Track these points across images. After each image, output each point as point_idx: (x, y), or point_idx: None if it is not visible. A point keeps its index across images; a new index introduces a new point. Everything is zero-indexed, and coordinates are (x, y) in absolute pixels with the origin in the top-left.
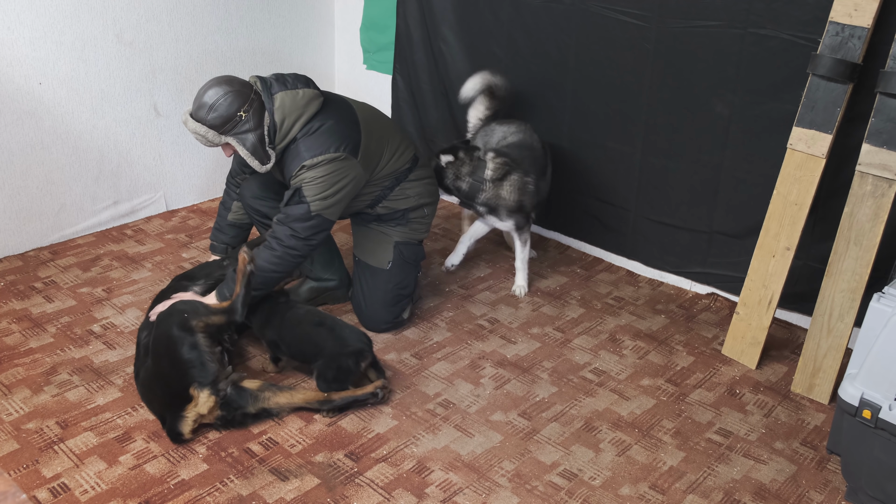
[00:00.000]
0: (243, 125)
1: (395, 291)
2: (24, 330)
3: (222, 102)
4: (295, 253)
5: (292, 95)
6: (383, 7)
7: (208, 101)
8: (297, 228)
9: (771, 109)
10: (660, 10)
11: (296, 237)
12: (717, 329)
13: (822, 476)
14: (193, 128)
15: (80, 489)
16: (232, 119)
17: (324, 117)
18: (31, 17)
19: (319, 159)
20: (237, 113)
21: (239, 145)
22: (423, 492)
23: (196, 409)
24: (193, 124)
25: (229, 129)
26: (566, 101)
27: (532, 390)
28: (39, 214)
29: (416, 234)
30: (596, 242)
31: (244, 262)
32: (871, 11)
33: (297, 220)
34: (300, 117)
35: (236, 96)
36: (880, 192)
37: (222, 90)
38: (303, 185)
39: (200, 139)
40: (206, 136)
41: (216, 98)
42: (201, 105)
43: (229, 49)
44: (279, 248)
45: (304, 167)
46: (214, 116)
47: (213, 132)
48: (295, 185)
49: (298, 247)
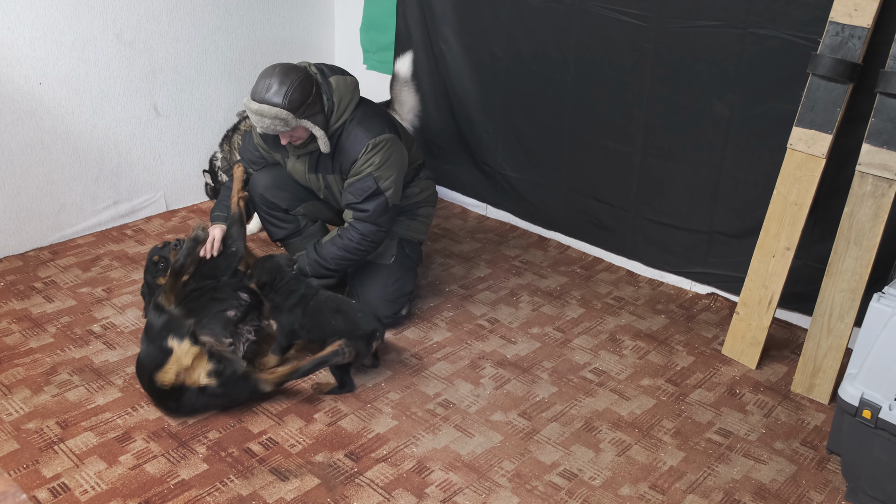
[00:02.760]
0: (314, 106)
1: (396, 286)
2: (24, 330)
3: (297, 86)
4: (375, 244)
5: (343, 80)
6: (383, 7)
7: (283, 86)
8: (382, 222)
9: (771, 109)
10: (660, 10)
11: (380, 230)
12: (717, 329)
13: (822, 476)
14: (273, 113)
15: (80, 489)
16: (306, 102)
17: (366, 104)
18: (31, 17)
19: (381, 139)
20: (310, 95)
21: (314, 126)
22: (423, 492)
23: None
24: (271, 110)
25: (304, 111)
26: (566, 101)
27: (532, 390)
28: (39, 214)
29: (417, 234)
30: (596, 242)
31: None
32: (871, 11)
33: (381, 215)
34: (352, 101)
35: (306, 80)
36: (880, 192)
37: (294, 75)
38: (374, 174)
39: (278, 123)
40: (286, 121)
41: (290, 83)
42: (276, 91)
43: (229, 49)
44: (363, 244)
45: (368, 147)
46: (292, 100)
47: (291, 116)
48: (362, 173)
49: (380, 238)
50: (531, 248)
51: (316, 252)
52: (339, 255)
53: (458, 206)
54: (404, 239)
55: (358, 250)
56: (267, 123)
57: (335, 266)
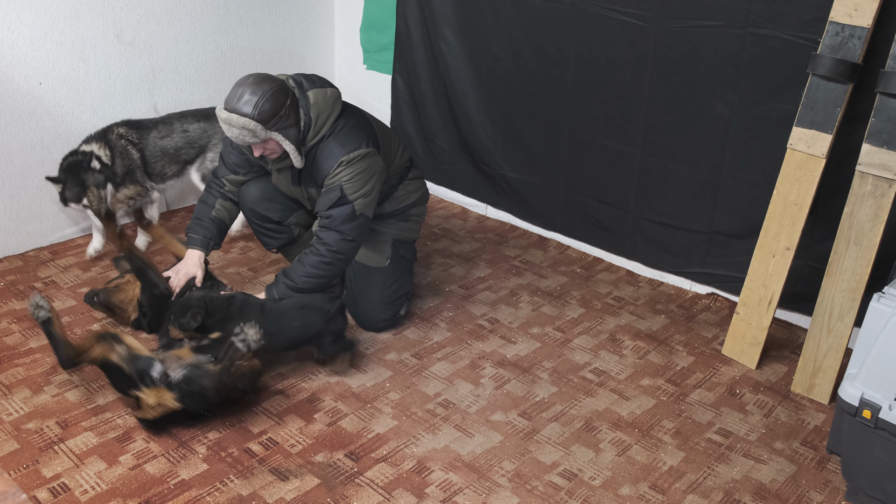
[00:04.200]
0: (287, 119)
1: (394, 288)
2: (24, 330)
3: (269, 97)
4: (343, 257)
5: (322, 93)
6: (383, 7)
7: (254, 96)
8: (346, 230)
9: (771, 109)
10: (660, 10)
11: (345, 240)
12: (717, 329)
13: (822, 476)
14: (241, 123)
15: (80, 489)
16: (278, 114)
17: (347, 115)
18: (31, 17)
19: (354, 154)
20: (283, 108)
21: (284, 140)
22: (423, 492)
23: (142, 412)
24: (239, 119)
25: (274, 123)
26: (566, 101)
27: (532, 390)
28: (39, 214)
29: (410, 234)
30: (596, 242)
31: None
32: (871, 11)
33: (344, 223)
34: (331, 115)
35: (279, 91)
36: (880, 192)
37: (266, 86)
38: (342, 184)
39: (246, 134)
40: (255, 132)
41: (262, 93)
42: (247, 101)
43: (229, 49)
44: (329, 255)
45: (341, 163)
46: (262, 111)
47: (260, 127)
48: (332, 185)
49: (347, 249)
50: (531, 248)
51: (285, 276)
52: (308, 273)
53: (458, 206)
54: (398, 240)
55: (324, 264)
56: (235, 133)
57: (304, 285)
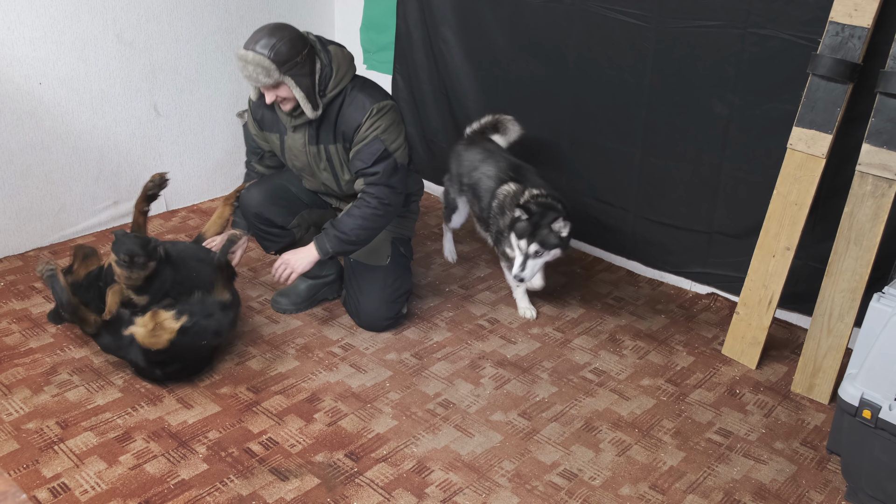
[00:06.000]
0: (302, 67)
1: (395, 286)
2: (24, 330)
3: (287, 42)
4: (392, 209)
5: (341, 50)
6: (383, 7)
7: (272, 39)
8: (394, 183)
9: (771, 109)
10: (660, 10)
11: (396, 192)
12: (717, 329)
13: (822, 476)
14: (256, 60)
15: (80, 489)
16: (293, 59)
17: (361, 76)
18: (31, 17)
19: (384, 104)
20: (299, 55)
21: (295, 87)
22: (423, 492)
23: (144, 335)
24: (255, 57)
25: (289, 68)
26: (566, 102)
27: (532, 390)
28: (39, 214)
29: (407, 231)
30: (596, 242)
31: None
32: (871, 11)
33: (391, 176)
34: (349, 70)
35: (297, 39)
36: (880, 192)
37: (285, 32)
38: (380, 137)
39: (261, 72)
40: (268, 71)
41: (280, 37)
42: (265, 43)
43: (229, 49)
44: (381, 208)
45: (372, 113)
46: (278, 53)
47: (274, 67)
48: (368, 138)
49: (397, 201)
50: None
51: (335, 228)
52: (359, 225)
53: None
54: (397, 238)
55: (376, 216)
56: (250, 70)
57: (356, 238)
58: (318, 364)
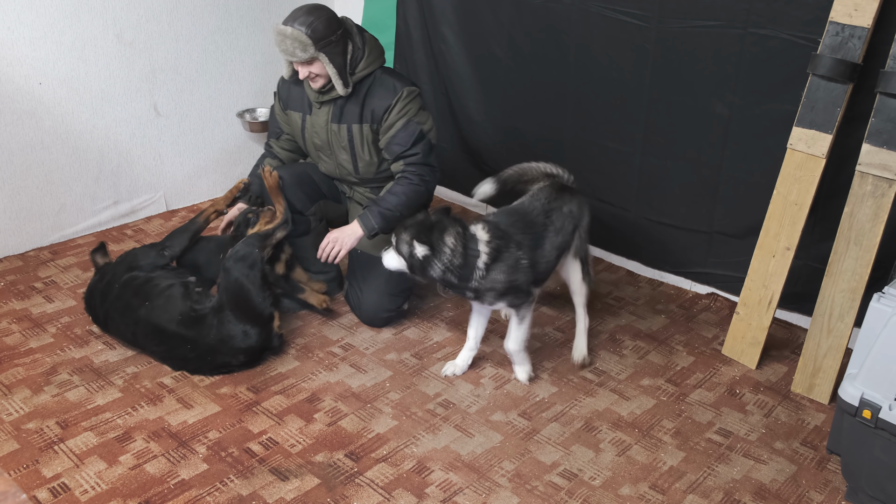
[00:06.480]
0: (336, 46)
1: (398, 279)
2: (24, 330)
3: (324, 20)
4: (432, 187)
5: (375, 40)
6: (383, 7)
7: (310, 17)
8: (432, 161)
9: (771, 109)
10: (660, 10)
11: (433, 170)
12: (717, 329)
13: (822, 476)
14: (294, 35)
15: (80, 489)
16: (328, 37)
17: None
18: (31, 17)
19: (413, 89)
20: (334, 34)
21: (329, 63)
22: (423, 492)
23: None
24: (294, 31)
25: (324, 45)
26: (566, 102)
27: (532, 390)
28: (39, 214)
29: None
30: (595, 242)
31: (271, 176)
32: (871, 11)
33: (428, 154)
34: (379, 57)
35: (334, 19)
36: (880, 192)
37: (323, 12)
38: (414, 119)
39: (297, 47)
40: (305, 45)
41: (318, 16)
42: (304, 20)
43: (229, 49)
44: (423, 185)
45: (402, 96)
46: (315, 30)
47: (310, 42)
48: (402, 121)
49: (434, 178)
50: None
51: (378, 205)
52: (403, 202)
53: (458, 206)
54: None
55: (418, 193)
56: (287, 45)
57: (400, 214)
58: (318, 364)
